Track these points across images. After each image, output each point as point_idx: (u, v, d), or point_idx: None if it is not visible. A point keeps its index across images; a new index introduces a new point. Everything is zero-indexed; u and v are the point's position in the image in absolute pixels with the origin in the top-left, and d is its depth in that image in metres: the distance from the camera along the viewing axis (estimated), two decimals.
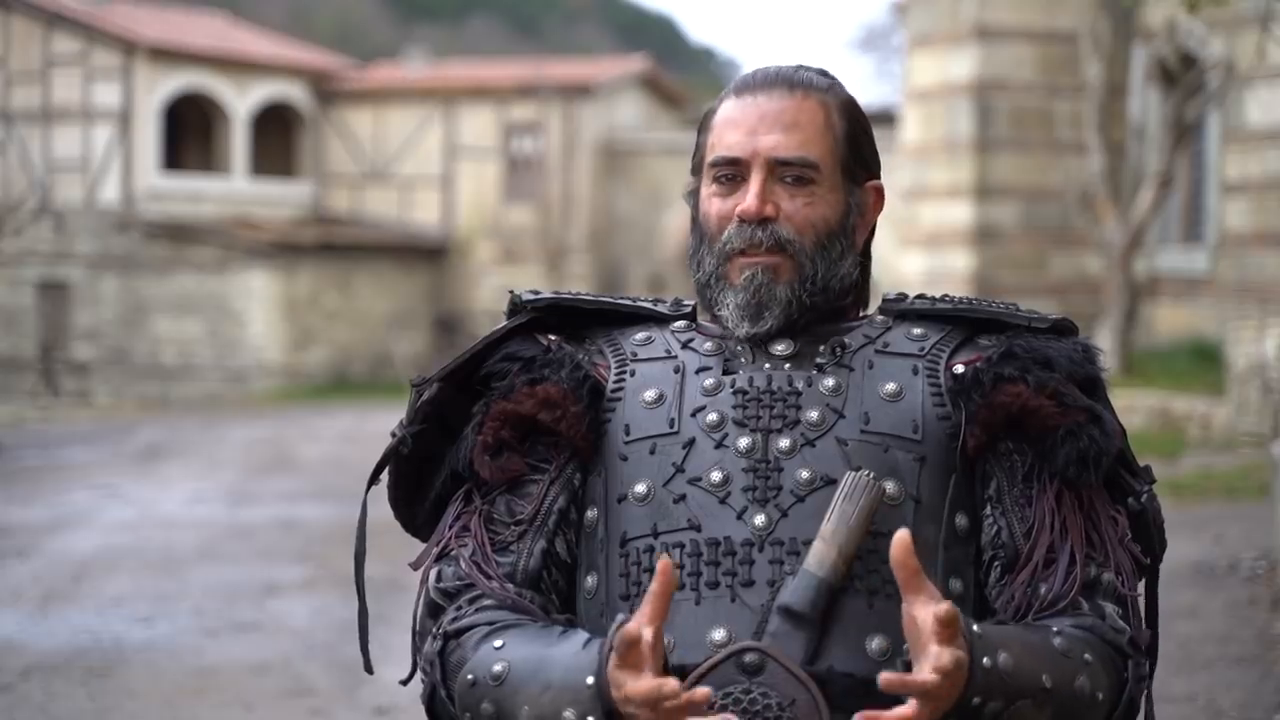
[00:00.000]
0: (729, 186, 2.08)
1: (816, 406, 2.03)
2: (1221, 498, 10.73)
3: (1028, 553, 1.99)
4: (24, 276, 29.47)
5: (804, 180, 2.07)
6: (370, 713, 6.62)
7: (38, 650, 7.75)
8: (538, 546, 2.05)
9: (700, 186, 2.12)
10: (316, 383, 28.90)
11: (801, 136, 2.07)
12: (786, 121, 2.08)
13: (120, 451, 17.59)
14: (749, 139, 2.07)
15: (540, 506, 2.06)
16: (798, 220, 2.07)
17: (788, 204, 2.06)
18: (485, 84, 31.68)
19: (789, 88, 2.10)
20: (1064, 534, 1.99)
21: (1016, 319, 2.11)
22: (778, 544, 1.96)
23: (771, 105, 2.08)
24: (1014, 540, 2.00)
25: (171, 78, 29.79)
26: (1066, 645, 1.91)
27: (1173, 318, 18.23)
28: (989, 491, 2.03)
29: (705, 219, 2.10)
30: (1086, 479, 2.01)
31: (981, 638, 1.82)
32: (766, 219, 2.05)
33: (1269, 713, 6.16)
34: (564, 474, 2.07)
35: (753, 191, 2.05)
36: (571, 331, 2.18)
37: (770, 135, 2.07)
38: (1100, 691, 1.92)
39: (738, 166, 2.07)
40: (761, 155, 2.06)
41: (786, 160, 2.06)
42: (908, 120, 20.58)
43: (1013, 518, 2.01)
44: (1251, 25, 12.75)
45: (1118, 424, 2.06)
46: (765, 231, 2.05)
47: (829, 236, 2.09)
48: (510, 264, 30.56)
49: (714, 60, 71.05)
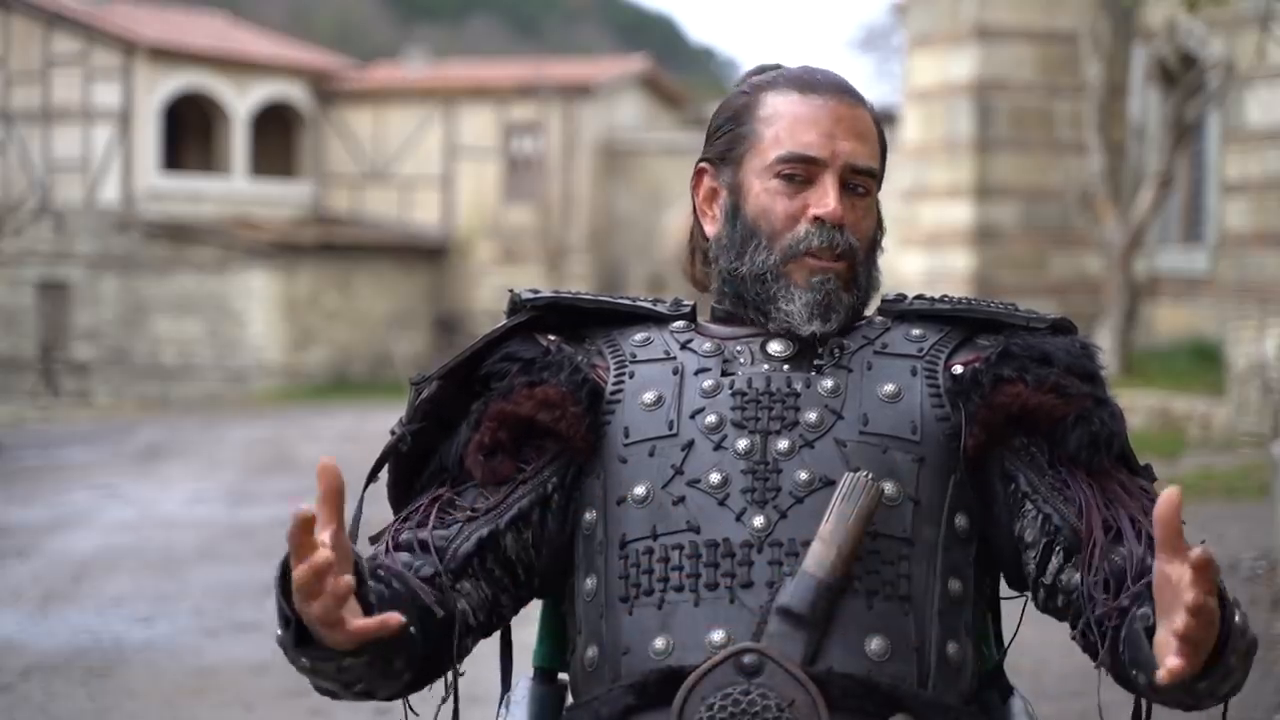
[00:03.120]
0: (794, 185, 2.08)
1: (815, 408, 2.03)
2: (1221, 498, 10.73)
3: (1087, 529, 1.96)
4: (24, 276, 29.47)
5: (863, 191, 2.10)
6: (370, 713, 6.62)
7: (38, 650, 7.74)
8: (477, 533, 2.03)
9: (747, 177, 2.11)
10: (316, 383, 28.90)
11: (870, 148, 2.11)
12: (860, 130, 2.10)
13: (120, 451, 17.59)
14: (827, 141, 2.08)
15: (501, 501, 2.05)
16: (859, 230, 2.10)
17: (850, 214, 2.09)
18: (485, 84, 31.68)
19: (854, 98, 2.13)
20: (1110, 504, 1.98)
21: (1015, 319, 2.11)
22: (776, 545, 1.96)
23: (844, 110, 2.10)
24: (1068, 523, 1.97)
25: (171, 78, 29.79)
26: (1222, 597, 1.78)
27: (1173, 318, 18.23)
28: (1020, 488, 2.01)
29: (765, 214, 2.09)
30: (1099, 461, 2.00)
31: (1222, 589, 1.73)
32: (841, 225, 2.07)
33: (1269, 713, 6.16)
34: (539, 476, 2.06)
35: (833, 195, 2.06)
36: (571, 331, 2.18)
37: (847, 141, 2.08)
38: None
39: (811, 166, 2.08)
40: (840, 159, 2.08)
41: (860, 168, 2.09)
42: (908, 120, 20.58)
43: (1057, 503, 1.99)
44: (1251, 25, 12.75)
45: (1121, 413, 2.06)
46: (842, 237, 2.07)
47: (873, 248, 2.14)
48: (510, 264, 30.56)
49: (714, 60, 71.07)
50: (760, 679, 1.87)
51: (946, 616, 1.98)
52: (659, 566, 1.99)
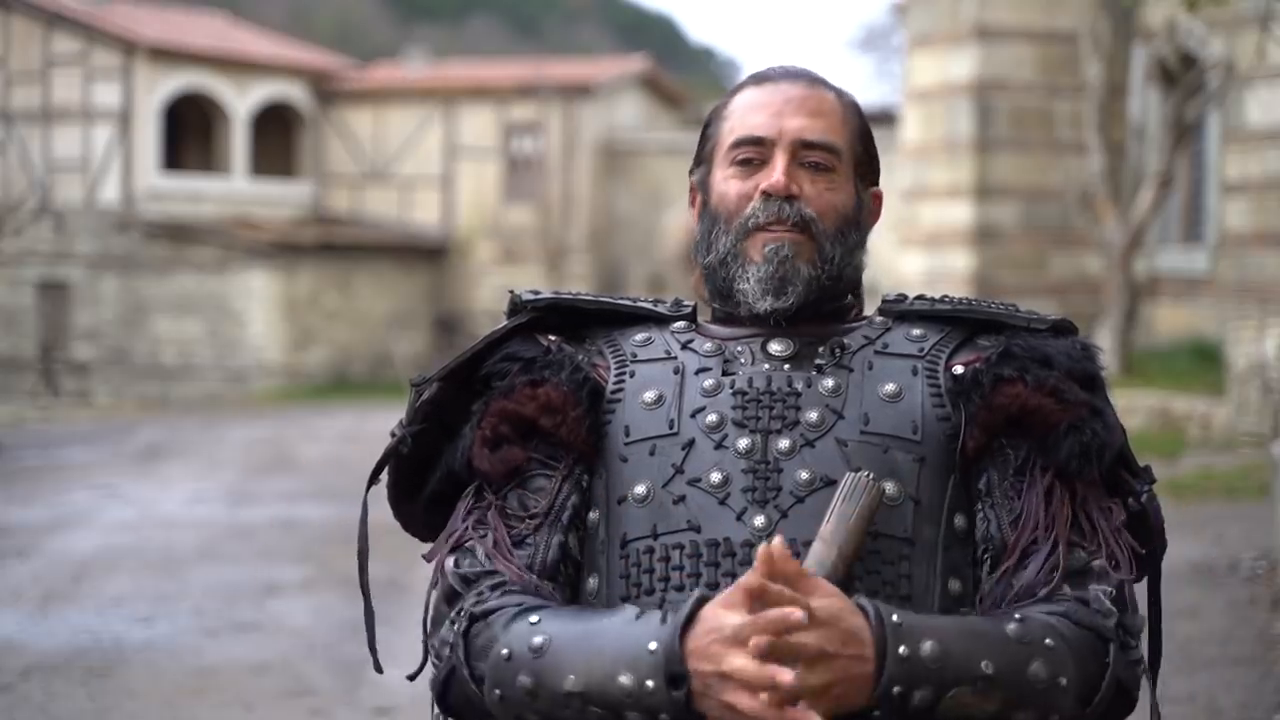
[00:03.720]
0: (749, 169, 2.09)
1: (816, 407, 2.03)
2: (1221, 498, 10.74)
3: (1012, 544, 1.98)
4: (24, 276, 29.47)
5: (824, 167, 2.09)
6: (370, 713, 6.62)
7: (38, 650, 7.75)
8: (555, 539, 2.04)
9: (713, 172, 2.13)
10: (316, 383, 28.90)
11: (825, 123, 2.10)
12: (810, 108, 2.10)
13: (120, 451, 17.59)
14: (774, 120, 2.09)
15: (555, 501, 2.05)
16: (819, 203, 2.08)
17: (809, 187, 2.08)
18: (485, 84, 31.68)
19: (809, 81, 2.13)
20: (1049, 525, 1.98)
21: (1016, 320, 2.11)
22: None
23: (795, 92, 2.11)
24: (1001, 533, 1.99)
25: (171, 78, 29.79)
26: (1022, 631, 1.88)
27: (1173, 318, 18.23)
28: (979, 485, 2.03)
29: (723, 199, 2.10)
30: (1088, 472, 2.00)
31: (900, 626, 1.81)
32: (792, 196, 2.06)
33: (1269, 713, 6.16)
34: (574, 473, 2.06)
35: (779, 168, 2.07)
36: (571, 332, 2.18)
37: (796, 118, 2.09)
38: (1064, 677, 1.87)
39: (760, 147, 2.08)
40: (788, 135, 2.08)
41: (812, 142, 2.08)
42: (908, 120, 20.58)
43: (1001, 511, 2.00)
44: (1251, 25, 12.75)
45: (1118, 422, 2.06)
46: (791, 208, 2.06)
47: (846, 223, 2.11)
48: (510, 264, 30.57)
49: (714, 60, 71.09)
50: None
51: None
52: (660, 566, 1.99)
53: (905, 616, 1.83)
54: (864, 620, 1.80)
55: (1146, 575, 2.08)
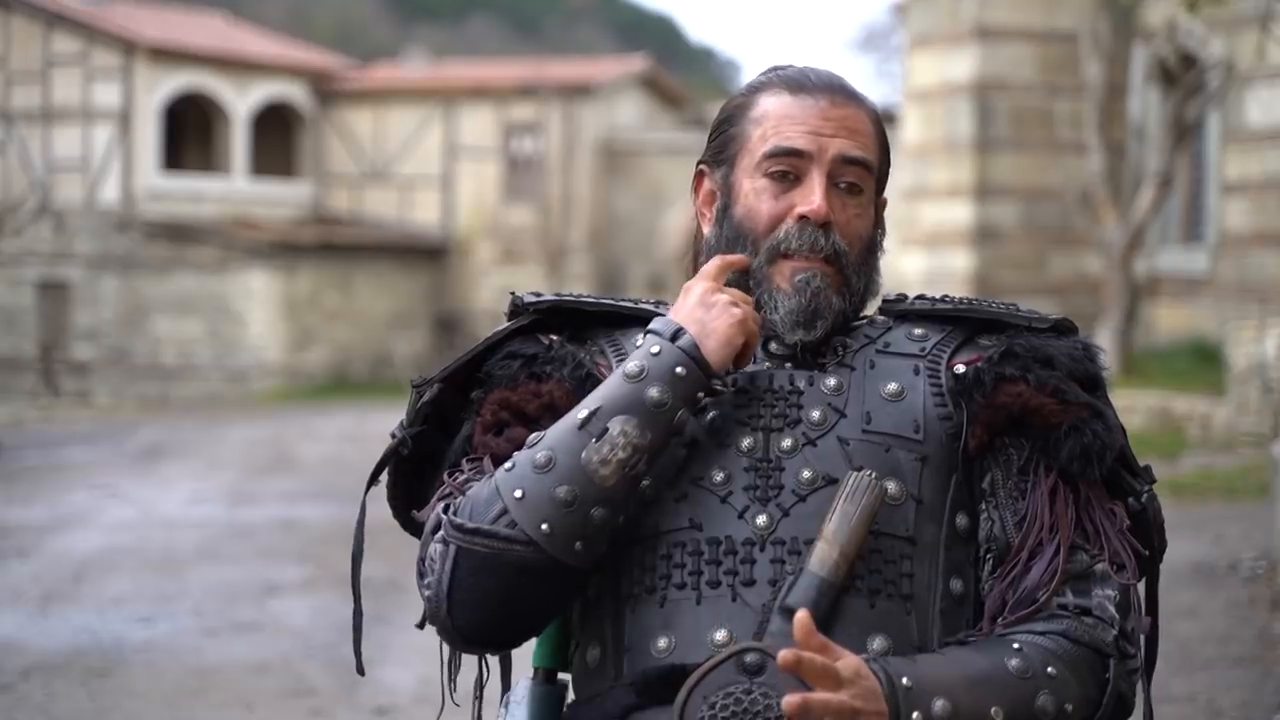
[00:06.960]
0: (783, 184, 2.06)
1: (818, 406, 2.03)
2: (1221, 498, 10.74)
3: (1017, 546, 1.98)
4: (24, 276, 29.46)
5: (856, 189, 2.07)
6: (370, 713, 6.62)
7: (38, 650, 7.74)
8: None
9: (738, 176, 2.09)
10: (316, 383, 28.89)
11: (862, 142, 2.08)
12: (851, 126, 2.07)
13: (120, 451, 17.59)
14: (814, 136, 2.05)
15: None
16: (848, 232, 2.07)
17: (840, 214, 2.06)
18: (485, 84, 31.67)
19: (846, 95, 2.10)
20: (1053, 528, 1.98)
21: (1017, 319, 2.11)
22: (779, 543, 1.96)
23: (834, 108, 2.08)
24: (1005, 534, 2.00)
25: (171, 78, 29.79)
26: (1024, 664, 1.89)
27: (1173, 318, 18.22)
28: (984, 485, 2.02)
29: (752, 214, 2.07)
30: (1090, 473, 2.00)
31: (910, 691, 1.82)
32: (828, 224, 2.05)
33: (1269, 713, 6.16)
34: None
35: (818, 193, 2.03)
36: (573, 332, 2.17)
37: (837, 136, 2.06)
38: (1070, 703, 1.90)
39: (798, 160, 2.05)
40: (828, 154, 2.05)
41: (851, 158, 2.06)
42: (908, 120, 20.57)
43: (1005, 511, 2.00)
44: (1251, 25, 12.75)
45: (1119, 424, 2.06)
46: (827, 240, 2.04)
47: (868, 251, 2.10)
48: (510, 264, 30.56)
49: (714, 60, 71.10)
50: (762, 678, 1.87)
51: (948, 616, 1.99)
52: (661, 564, 1.99)
53: (913, 674, 1.84)
54: (877, 683, 1.82)
55: (1146, 575, 2.09)
